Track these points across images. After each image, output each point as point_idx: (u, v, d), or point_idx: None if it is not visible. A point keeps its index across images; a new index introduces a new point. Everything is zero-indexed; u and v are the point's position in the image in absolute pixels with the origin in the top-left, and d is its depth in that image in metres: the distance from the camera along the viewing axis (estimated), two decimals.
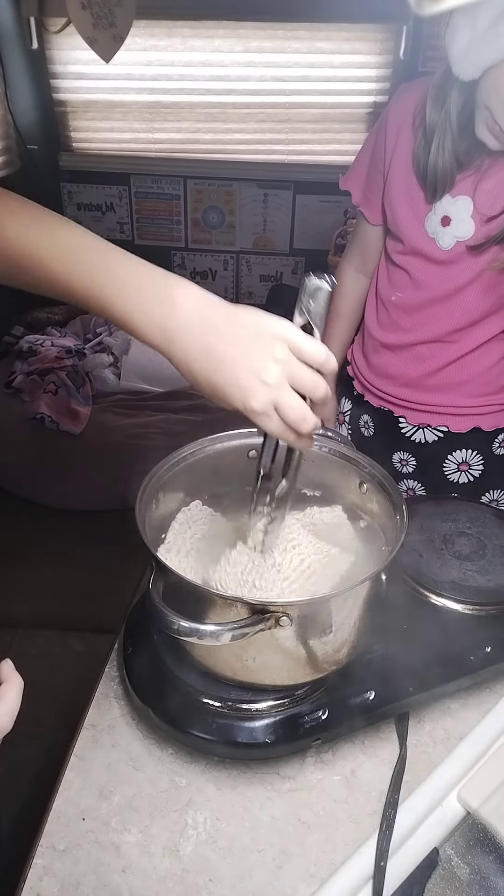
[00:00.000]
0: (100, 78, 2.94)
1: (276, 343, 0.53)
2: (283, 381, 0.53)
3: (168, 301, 0.54)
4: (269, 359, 0.53)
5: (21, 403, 2.52)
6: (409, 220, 1.07)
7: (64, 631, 2.07)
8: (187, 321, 0.53)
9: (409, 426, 1.21)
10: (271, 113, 2.98)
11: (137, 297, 0.54)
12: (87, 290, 0.55)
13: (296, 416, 0.54)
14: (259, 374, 0.53)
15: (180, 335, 0.54)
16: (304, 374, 0.54)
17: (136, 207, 3.24)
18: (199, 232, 3.28)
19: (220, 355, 0.53)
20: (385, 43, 2.79)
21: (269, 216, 3.21)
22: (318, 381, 0.55)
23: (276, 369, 0.53)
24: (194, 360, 0.54)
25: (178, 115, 3.02)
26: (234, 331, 0.53)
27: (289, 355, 0.54)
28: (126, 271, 0.55)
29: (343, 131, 3.00)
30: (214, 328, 0.53)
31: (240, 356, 0.53)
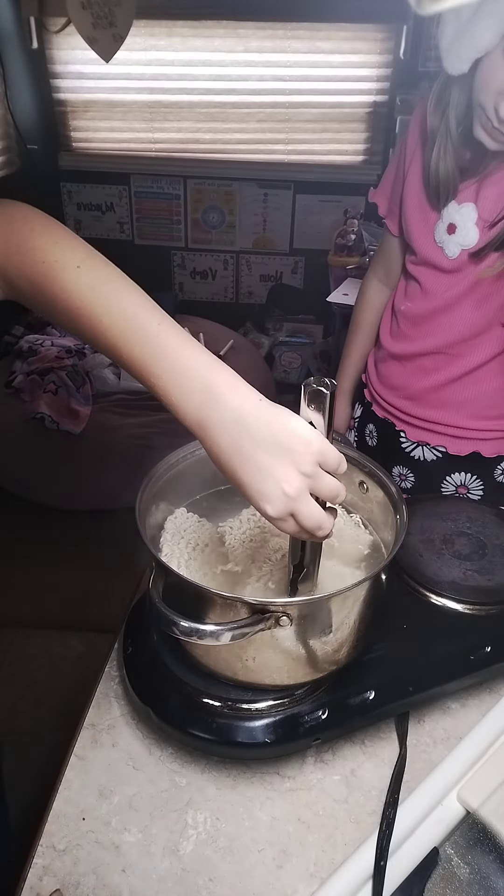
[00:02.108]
0: (100, 78, 2.94)
1: (304, 456, 0.53)
2: (303, 492, 0.54)
3: (210, 391, 0.54)
4: (294, 471, 0.53)
5: (21, 403, 2.52)
6: (420, 229, 1.07)
7: (64, 631, 2.07)
8: (224, 416, 0.54)
9: (409, 442, 1.22)
10: (271, 113, 2.98)
11: (182, 381, 0.55)
12: (133, 359, 0.56)
13: (312, 525, 0.55)
14: (281, 483, 0.53)
15: (215, 428, 0.54)
16: (326, 485, 0.55)
17: (136, 207, 3.24)
18: (199, 232, 3.28)
19: (248, 458, 0.54)
20: (385, 43, 2.80)
21: (269, 216, 3.21)
22: (339, 490, 0.56)
23: (299, 482, 0.53)
24: (223, 452, 0.55)
25: (178, 114, 3.02)
26: (265, 435, 0.53)
27: (314, 468, 0.54)
28: (177, 352, 0.55)
29: (343, 131, 3.00)
30: (248, 431, 0.53)
31: (267, 464, 0.53)
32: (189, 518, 0.79)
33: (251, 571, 0.73)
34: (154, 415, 2.57)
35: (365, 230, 2.85)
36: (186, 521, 0.79)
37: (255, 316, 3.39)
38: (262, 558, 0.74)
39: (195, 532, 0.77)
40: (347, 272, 2.73)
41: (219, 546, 0.77)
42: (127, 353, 0.56)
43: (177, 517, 0.79)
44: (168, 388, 0.55)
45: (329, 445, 0.55)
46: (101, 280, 0.57)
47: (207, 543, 0.77)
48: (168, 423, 2.61)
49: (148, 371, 0.56)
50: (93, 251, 0.59)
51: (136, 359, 0.56)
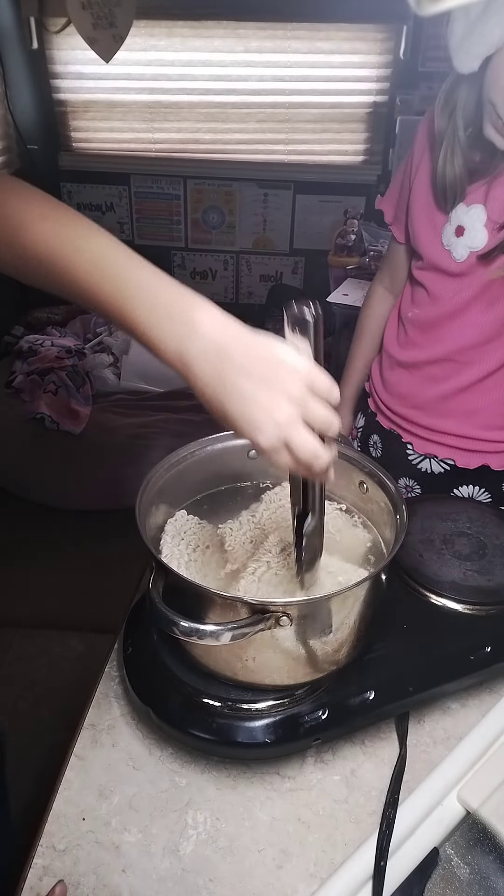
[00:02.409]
0: (100, 78, 2.94)
1: (291, 380, 0.51)
2: (295, 419, 0.52)
3: (189, 323, 0.52)
4: (282, 396, 0.51)
5: (21, 403, 2.52)
6: (427, 233, 1.06)
7: (64, 631, 2.07)
8: (205, 347, 0.52)
9: (415, 454, 1.19)
10: (271, 113, 2.98)
11: (160, 315, 0.53)
12: (111, 302, 0.54)
13: (307, 455, 0.52)
14: (271, 411, 0.51)
15: (197, 360, 0.52)
16: (318, 412, 0.52)
17: (136, 207, 3.24)
18: (199, 232, 3.28)
19: (234, 386, 0.52)
20: (385, 43, 2.79)
21: (269, 216, 3.21)
22: (331, 419, 0.53)
23: (288, 408, 0.51)
24: (207, 385, 0.53)
25: (178, 115, 3.02)
26: (250, 362, 0.51)
27: (304, 393, 0.52)
28: (152, 287, 0.54)
29: (343, 131, 3.00)
30: (231, 357, 0.52)
31: (253, 390, 0.51)
32: (189, 520, 0.79)
33: (247, 565, 0.73)
34: (154, 415, 2.57)
35: (365, 230, 2.85)
36: (186, 523, 0.79)
37: (255, 316, 3.39)
38: (261, 552, 0.74)
39: (195, 534, 0.77)
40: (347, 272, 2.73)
41: (219, 547, 0.77)
42: (102, 295, 0.54)
43: (177, 519, 0.79)
44: (145, 325, 0.54)
45: (318, 371, 0.53)
46: (67, 226, 0.56)
47: (208, 545, 0.77)
48: (168, 422, 2.62)
49: (123, 310, 0.54)
50: (58, 204, 0.58)
51: (111, 299, 0.54)
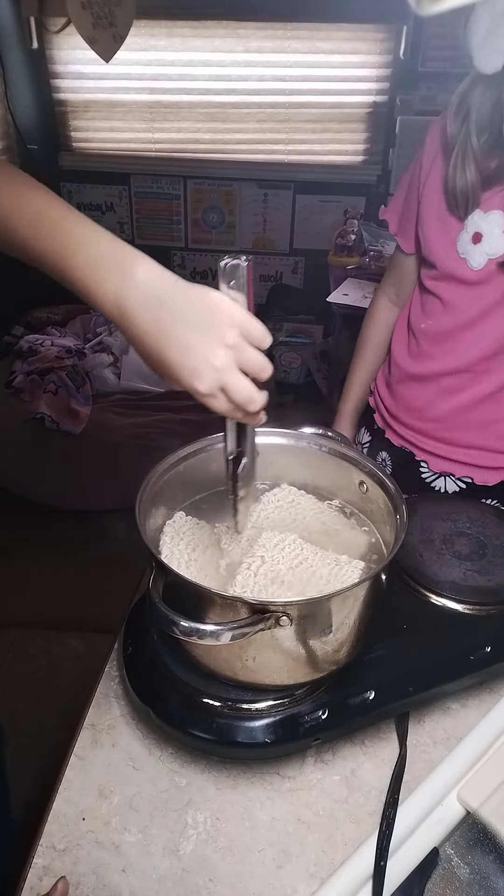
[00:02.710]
0: (100, 78, 2.94)
1: (227, 328, 0.54)
2: (231, 365, 0.55)
3: (125, 273, 0.54)
4: (219, 343, 0.54)
5: (21, 403, 2.52)
6: (441, 242, 1.03)
7: (64, 631, 2.07)
8: (142, 295, 0.54)
9: (430, 472, 1.16)
10: (271, 113, 2.98)
11: (97, 265, 0.55)
12: (51, 255, 0.56)
13: (243, 398, 0.56)
14: (208, 357, 0.54)
15: (134, 308, 0.54)
16: (252, 358, 0.56)
17: (136, 207, 3.24)
18: (199, 232, 3.28)
19: (171, 334, 0.54)
20: (385, 43, 2.80)
21: (269, 216, 3.21)
22: (264, 364, 0.57)
23: (225, 354, 0.54)
24: (145, 334, 0.55)
25: (178, 115, 3.03)
26: (187, 311, 0.54)
27: (239, 340, 0.55)
28: (90, 240, 0.56)
29: (343, 131, 3.01)
30: (168, 306, 0.54)
31: (191, 337, 0.54)
32: (188, 521, 0.79)
33: (242, 560, 0.72)
34: (154, 415, 2.57)
35: (365, 230, 2.85)
36: (185, 524, 0.79)
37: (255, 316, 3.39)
38: (255, 548, 0.74)
39: (194, 535, 0.77)
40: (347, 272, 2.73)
41: (217, 547, 0.77)
42: (41, 248, 0.56)
43: (175, 521, 0.79)
44: (84, 278, 0.55)
45: (251, 318, 0.55)
46: (5, 181, 0.57)
47: (207, 546, 0.77)
48: (168, 423, 2.62)
49: (63, 264, 0.56)
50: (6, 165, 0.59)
51: (50, 252, 0.56)
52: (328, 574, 0.71)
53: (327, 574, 0.71)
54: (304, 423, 0.86)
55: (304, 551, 0.73)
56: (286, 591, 0.69)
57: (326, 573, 0.71)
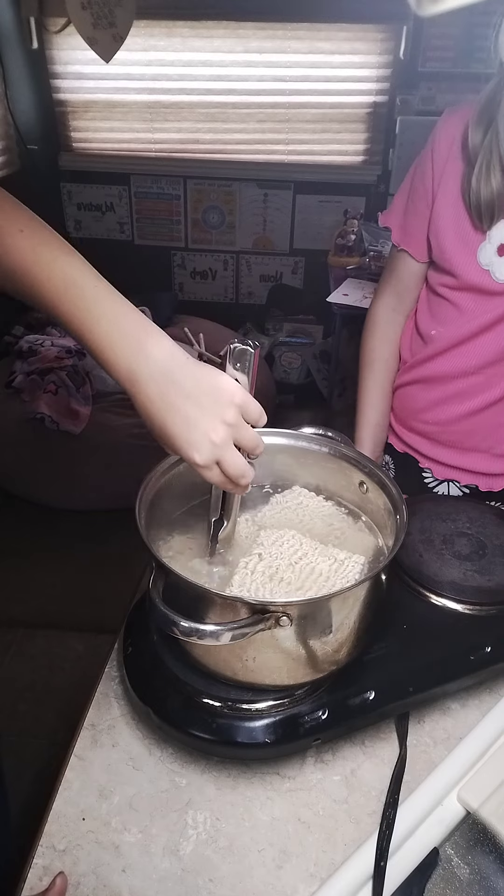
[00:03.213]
0: (100, 78, 2.94)
1: (228, 408, 0.59)
2: (228, 440, 0.59)
3: (140, 349, 0.58)
4: (219, 421, 0.58)
5: (21, 403, 2.52)
6: (460, 252, 0.99)
7: (64, 631, 2.07)
8: (153, 372, 0.58)
9: (434, 479, 1.15)
10: (271, 113, 2.98)
11: (114, 337, 0.59)
12: (74, 321, 0.59)
13: (236, 473, 0.61)
14: (208, 432, 0.58)
15: (144, 382, 0.58)
16: (248, 436, 0.61)
17: (136, 207, 3.24)
18: (199, 232, 3.28)
19: (177, 409, 0.58)
20: (385, 43, 2.80)
21: (269, 216, 3.21)
22: (258, 441, 0.62)
23: (223, 431, 0.59)
24: (152, 405, 0.59)
25: (178, 115, 3.03)
26: (192, 388, 0.58)
27: (238, 419, 0.59)
28: (112, 313, 0.59)
29: (343, 131, 3.01)
30: (176, 381, 0.58)
31: (193, 412, 0.58)
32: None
33: (239, 559, 0.72)
34: None
35: (365, 230, 2.85)
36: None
37: (255, 316, 3.39)
38: (254, 546, 0.74)
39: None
40: (347, 272, 2.74)
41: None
42: (64, 313, 0.59)
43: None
44: (102, 347, 0.59)
45: (251, 399, 0.61)
46: (41, 243, 0.60)
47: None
48: None
49: (83, 330, 0.59)
50: (34, 217, 0.62)
51: (73, 318, 0.59)
52: (328, 570, 0.71)
53: (327, 570, 0.71)
54: (304, 423, 0.85)
55: (303, 546, 0.73)
56: (285, 587, 0.69)
57: (326, 569, 0.71)
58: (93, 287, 0.59)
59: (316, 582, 0.70)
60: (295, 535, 0.74)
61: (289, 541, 0.74)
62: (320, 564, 0.71)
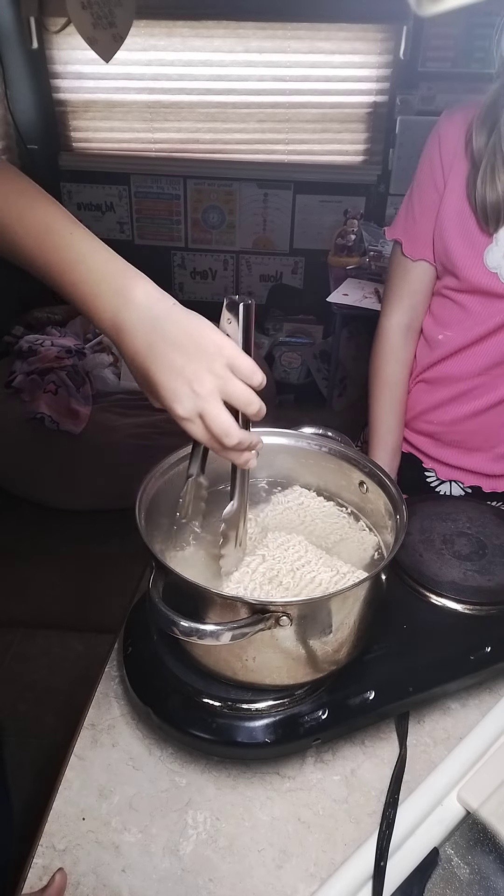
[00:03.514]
0: (100, 78, 2.94)
1: (216, 357, 0.55)
2: (213, 393, 0.56)
3: (124, 294, 0.56)
4: (205, 370, 0.55)
5: (21, 403, 2.52)
6: (466, 255, 0.98)
7: (64, 631, 2.07)
8: (138, 317, 0.56)
9: (437, 480, 1.15)
10: (271, 113, 2.98)
11: (97, 284, 0.56)
12: (51, 267, 0.57)
13: (218, 429, 0.56)
14: (191, 382, 0.55)
15: (129, 328, 0.56)
16: (238, 389, 0.56)
17: (136, 207, 3.24)
18: (199, 232, 3.28)
19: (161, 356, 0.55)
20: (385, 43, 2.80)
21: (269, 216, 3.21)
22: (251, 398, 0.57)
23: (209, 382, 0.55)
24: (138, 354, 0.56)
25: (178, 115, 3.03)
26: (179, 335, 0.55)
27: (225, 371, 0.56)
28: (91, 257, 0.57)
29: (343, 131, 3.01)
30: (162, 329, 0.55)
31: (178, 361, 0.55)
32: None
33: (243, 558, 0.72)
34: (154, 415, 2.57)
35: (365, 230, 2.85)
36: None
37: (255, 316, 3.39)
38: (258, 547, 0.74)
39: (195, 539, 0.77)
40: (347, 272, 2.74)
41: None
42: (43, 262, 0.57)
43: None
44: (84, 295, 0.57)
45: (242, 354, 0.57)
46: (14, 192, 0.58)
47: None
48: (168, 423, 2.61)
49: (63, 279, 0.57)
50: (6, 165, 0.60)
51: (52, 267, 0.57)
52: (328, 581, 0.70)
53: (327, 581, 0.70)
54: (304, 423, 0.85)
55: (307, 554, 0.73)
56: (282, 591, 0.68)
57: (327, 580, 0.70)
58: (69, 236, 0.57)
59: (314, 592, 0.69)
60: (301, 542, 0.74)
61: (294, 546, 0.73)
62: (321, 574, 0.71)
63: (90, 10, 2.21)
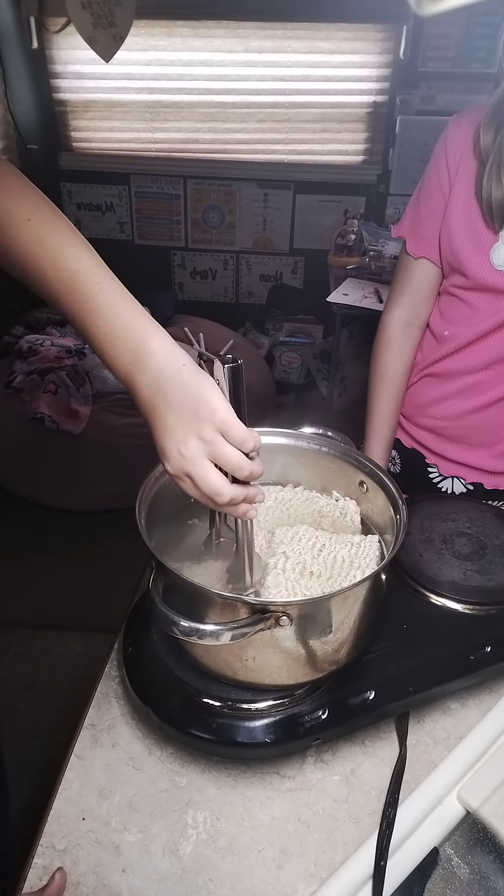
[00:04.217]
0: (100, 78, 2.94)
1: (206, 423, 0.57)
2: (199, 456, 0.57)
3: (138, 354, 0.58)
4: (193, 434, 0.57)
5: (21, 403, 2.52)
6: (472, 253, 0.99)
7: (64, 631, 2.07)
8: (147, 379, 0.58)
9: (439, 475, 1.15)
10: (271, 113, 2.98)
11: (116, 340, 0.59)
12: (77, 315, 0.59)
13: (208, 490, 0.58)
14: (179, 445, 0.58)
15: (139, 387, 0.59)
16: (226, 454, 0.58)
17: (136, 207, 3.24)
18: (199, 232, 3.28)
19: (159, 416, 0.58)
20: (385, 43, 2.80)
21: (269, 216, 3.21)
22: (240, 463, 0.58)
23: (195, 446, 0.57)
24: (143, 409, 0.60)
25: (178, 114, 3.02)
26: (177, 399, 0.57)
27: (214, 436, 0.57)
28: (114, 312, 0.59)
29: (343, 131, 3.01)
30: (164, 391, 0.58)
31: (171, 423, 0.58)
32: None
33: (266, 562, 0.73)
34: None
35: (365, 230, 2.85)
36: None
37: (255, 316, 3.39)
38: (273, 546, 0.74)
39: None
40: (347, 272, 2.74)
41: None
42: (68, 308, 0.59)
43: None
44: (103, 346, 0.59)
45: (234, 420, 0.58)
46: (49, 234, 0.59)
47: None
48: None
49: (85, 327, 0.59)
50: (45, 202, 0.61)
51: (76, 315, 0.59)
52: (349, 555, 0.72)
53: (349, 555, 0.72)
54: (304, 423, 0.86)
55: (319, 538, 0.74)
56: (317, 580, 0.70)
57: (347, 554, 0.72)
58: (96, 286, 0.58)
59: (342, 569, 0.71)
60: (308, 530, 0.75)
61: (305, 535, 0.75)
62: (340, 551, 0.72)
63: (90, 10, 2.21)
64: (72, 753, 0.74)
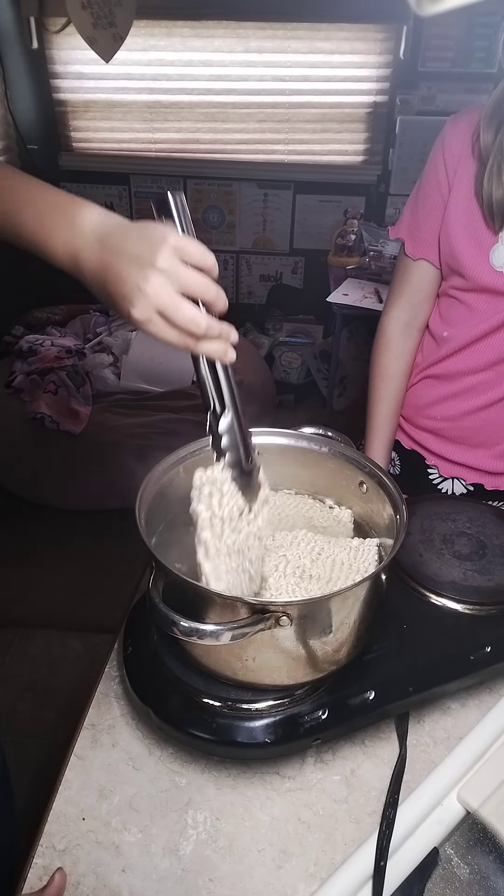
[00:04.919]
0: (100, 78, 2.94)
1: (159, 253, 0.54)
2: (164, 287, 0.54)
3: (72, 223, 0.57)
4: (150, 268, 0.54)
5: (21, 403, 2.52)
6: (472, 254, 0.98)
7: (64, 631, 2.07)
8: (89, 240, 0.56)
9: (439, 476, 1.15)
10: (271, 113, 2.98)
11: (48, 220, 0.58)
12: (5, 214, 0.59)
13: (184, 320, 0.55)
14: (139, 282, 0.54)
15: (84, 255, 0.57)
16: (189, 276, 0.55)
17: (136, 207, 3.24)
18: (199, 232, 3.27)
19: (112, 269, 0.55)
20: (385, 43, 2.80)
21: (268, 216, 3.21)
22: (206, 283, 0.56)
23: (156, 278, 0.54)
24: (95, 275, 0.57)
25: (178, 115, 3.03)
26: (124, 244, 0.55)
27: (173, 261, 0.54)
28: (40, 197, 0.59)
29: (343, 131, 3.01)
30: (109, 244, 0.56)
31: (127, 269, 0.55)
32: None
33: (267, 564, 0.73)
34: (154, 415, 2.57)
35: (365, 230, 2.85)
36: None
37: (255, 316, 3.39)
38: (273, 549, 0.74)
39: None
40: (347, 272, 2.74)
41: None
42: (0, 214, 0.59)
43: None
44: (36, 233, 0.58)
45: (188, 239, 0.55)
46: None
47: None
48: (168, 422, 2.62)
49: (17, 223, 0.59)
50: None
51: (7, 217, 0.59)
52: (348, 559, 0.72)
53: (347, 559, 0.72)
54: (304, 423, 0.86)
55: (317, 542, 0.75)
56: (316, 582, 0.70)
57: (346, 558, 0.72)
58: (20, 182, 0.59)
59: (342, 571, 0.71)
60: (306, 533, 0.76)
61: (303, 539, 0.75)
62: (339, 555, 0.73)
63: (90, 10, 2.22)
64: (72, 753, 0.74)
